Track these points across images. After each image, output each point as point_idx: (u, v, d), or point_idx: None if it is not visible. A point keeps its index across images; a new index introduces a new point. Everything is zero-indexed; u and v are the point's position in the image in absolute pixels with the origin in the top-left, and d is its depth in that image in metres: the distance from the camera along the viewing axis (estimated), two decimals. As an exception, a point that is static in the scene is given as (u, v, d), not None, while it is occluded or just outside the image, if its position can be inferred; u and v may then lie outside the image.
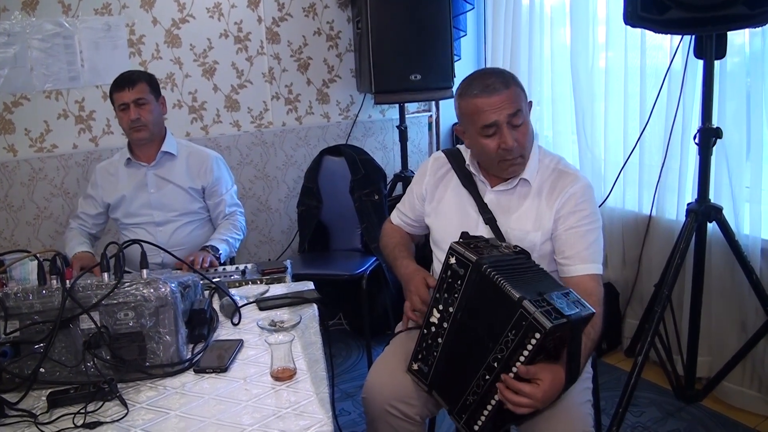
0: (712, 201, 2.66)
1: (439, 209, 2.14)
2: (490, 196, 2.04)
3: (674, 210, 3.04)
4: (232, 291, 2.21)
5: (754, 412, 2.85)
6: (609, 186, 3.27)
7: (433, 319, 1.80)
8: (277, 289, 2.25)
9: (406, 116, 4.06)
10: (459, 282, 1.73)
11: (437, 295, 1.79)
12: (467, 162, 2.08)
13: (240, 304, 2.06)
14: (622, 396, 2.61)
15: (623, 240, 3.33)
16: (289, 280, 2.38)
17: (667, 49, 2.98)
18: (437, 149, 4.36)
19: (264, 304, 2.08)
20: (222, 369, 1.68)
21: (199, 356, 1.75)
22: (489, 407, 1.65)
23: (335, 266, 3.42)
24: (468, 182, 2.07)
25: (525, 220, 1.99)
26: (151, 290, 1.69)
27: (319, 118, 4.16)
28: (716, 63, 2.49)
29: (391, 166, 4.38)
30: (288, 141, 4.06)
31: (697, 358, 2.88)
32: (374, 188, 3.59)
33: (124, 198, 2.92)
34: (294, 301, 2.09)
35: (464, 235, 1.88)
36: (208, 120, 3.87)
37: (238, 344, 1.81)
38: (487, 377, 1.64)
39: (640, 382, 2.63)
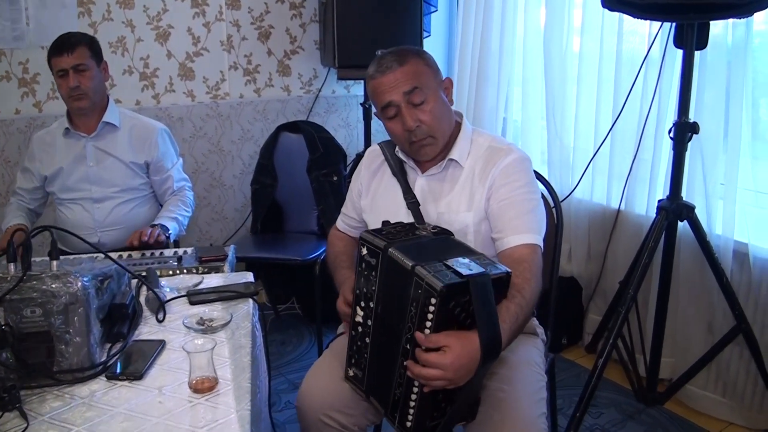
0: (684, 198, 2.53)
1: (373, 204, 2.01)
2: (420, 182, 1.92)
3: (644, 205, 2.90)
4: (164, 281, 2.04)
5: (717, 417, 2.74)
6: (577, 176, 3.12)
7: (358, 318, 1.67)
8: (213, 280, 2.07)
9: (371, 93, 3.84)
10: (374, 273, 1.60)
11: (357, 292, 1.66)
12: (397, 149, 1.95)
13: (168, 298, 1.87)
14: (580, 400, 2.48)
15: (589, 233, 3.19)
16: (227, 270, 2.20)
17: (645, 34, 2.82)
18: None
19: (195, 298, 1.90)
20: (137, 376, 1.50)
21: (113, 360, 1.56)
22: (413, 396, 1.51)
23: (288, 250, 3.24)
24: (399, 170, 1.94)
25: (457, 202, 1.86)
26: (60, 285, 1.50)
27: (280, 91, 3.95)
28: (696, 54, 2.33)
29: (354, 144, 4.19)
30: (245, 114, 3.85)
31: (661, 358, 2.77)
32: (333, 169, 3.41)
33: (61, 171, 2.70)
34: (228, 295, 1.91)
35: (384, 223, 1.74)
36: (160, 88, 3.64)
37: (159, 346, 1.63)
38: (405, 363, 1.51)
39: (600, 380, 2.50)
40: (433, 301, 1.41)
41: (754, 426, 2.66)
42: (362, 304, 1.66)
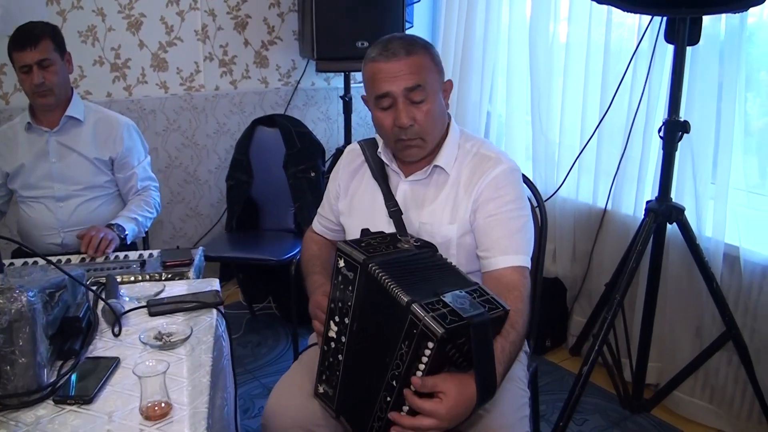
0: (673, 200, 2.43)
1: (352, 206, 1.88)
2: (403, 187, 1.80)
3: (631, 205, 2.80)
4: (125, 289, 1.91)
5: (705, 424, 2.66)
6: (563, 174, 3.01)
7: (331, 333, 1.55)
8: (175, 288, 1.94)
9: (352, 86, 3.71)
10: (350, 288, 1.48)
11: (332, 305, 1.54)
12: (380, 149, 1.82)
13: (125, 310, 1.75)
14: (563, 409, 2.39)
15: (574, 233, 3.09)
16: (192, 276, 2.07)
17: (635, 26, 2.71)
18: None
19: (156, 308, 1.77)
20: (86, 400, 1.38)
21: (62, 381, 1.44)
22: None
23: (263, 249, 3.11)
24: (379, 173, 1.82)
25: (440, 212, 1.74)
26: (3, 301, 1.37)
27: (257, 83, 3.81)
28: (688, 49, 2.23)
29: (334, 138, 4.07)
30: (221, 107, 3.71)
31: (648, 363, 2.68)
32: (311, 164, 3.28)
33: (23, 167, 2.57)
34: (190, 306, 1.79)
35: (364, 232, 1.63)
36: (131, 80, 3.50)
37: (113, 364, 1.50)
38: (389, 399, 1.40)
39: (585, 388, 2.41)
40: (431, 345, 1.29)
41: (742, 433, 2.59)
42: (336, 318, 1.54)
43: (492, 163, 1.73)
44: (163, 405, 1.32)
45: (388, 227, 1.75)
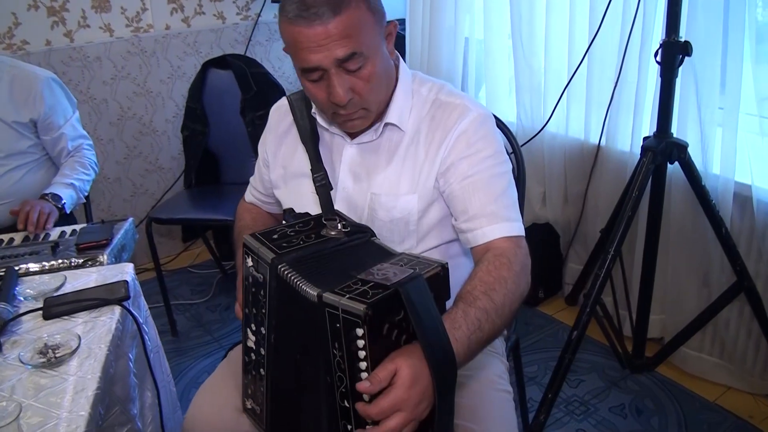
0: (675, 136, 2.09)
1: (286, 178, 1.55)
2: (350, 153, 1.46)
3: (628, 140, 2.45)
4: (26, 282, 1.63)
5: (714, 381, 2.40)
6: (550, 108, 2.64)
7: (250, 344, 1.29)
8: (81, 280, 1.65)
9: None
10: (262, 293, 1.20)
11: (246, 311, 1.28)
12: (314, 109, 1.48)
13: (12, 316, 1.46)
14: (552, 377, 2.12)
15: (565, 173, 2.74)
16: (106, 261, 1.78)
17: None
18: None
19: (51, 310, 1.48)
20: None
21: None
22: None
23: (223, 207, 2.79)
24: (310, 135, 1.48)
25: (396, 179, 1.42)
26: None
27: (212, 19, 3.42)
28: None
29: (303, 76, 3.70)
30: (173, 48, 3.34)
31: (649, 316, 2.40)
32: (270, 109, 2.93)
33: (-65, 137, 2.26)
34: (87, 304, 1.50)
35: (287, 213, 1.37)
36: (71, 24, 3.12)
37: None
38: (350, 427, 1.09)
39: (576, 354, 2.15)
40: (360, 332, 1.01)
41: (756, 391, 2.32)
42: (253, 327, 1.28)
43: (458, 112, 1.39)
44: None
45: (315, 207, 1.45)
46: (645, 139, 2.11)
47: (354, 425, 1.08)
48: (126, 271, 1.66)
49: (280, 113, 1.59)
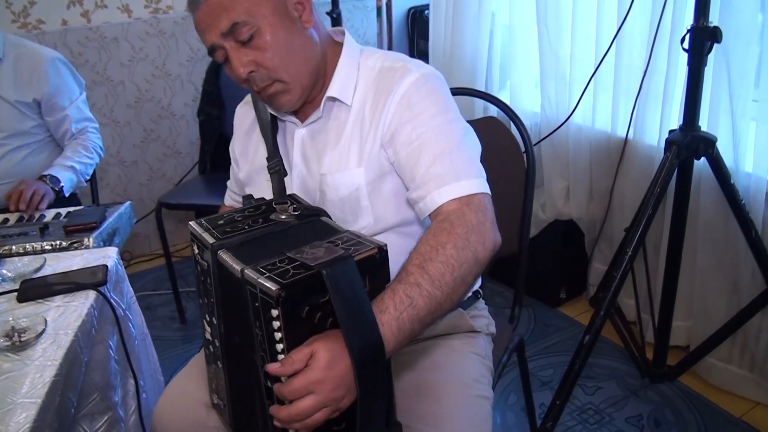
0: (704, 129, 1.94)
1: (251, 173, 1.49)
2: (301, 135, 1.39)
3: (656, 133, 2.29)
4: (6, 263, 1.58)
5: (740, 395, 2.23)
6: (576, 98, 2.50)
7: (207, 336, 1.23)
8: (63, 262, 1.59)
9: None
10: (209, 280, 1.15)
11: (200, 301, 1.22)
12: None
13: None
14: (560, 385, 1.99)
15: (591, 168, 2.59)
16: (92, 244, 1.72)
17: None
18: (389, 42, 3.56)
19: (26, 293, 1.43)
20: None
21: None
22: None
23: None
24: (270, 127, 1.42)
25: (345, 155, 1.32)
26: None
27: (233, 0, 3.35)
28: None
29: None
30: (193, 31, 3.21)
31: (672, 322, 2.26)
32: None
33: (-63, 116, 2.24)
34: (65, 287, 1.43)
35: (245, 199, 1.34)
36: (89, 4, 3.08)
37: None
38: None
39: (600, 345, 2.00)
40: (275, 313, 0.96)
41: (787, 408, 2.16)
42: (207, 318, 1.22)
43: (398, 74, 1.28)
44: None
45: (269, 192, 1.40)
46: (671, 131, 1.97)
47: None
48: (109, 256, 1.60)
49: (243, 110, 1.53)
